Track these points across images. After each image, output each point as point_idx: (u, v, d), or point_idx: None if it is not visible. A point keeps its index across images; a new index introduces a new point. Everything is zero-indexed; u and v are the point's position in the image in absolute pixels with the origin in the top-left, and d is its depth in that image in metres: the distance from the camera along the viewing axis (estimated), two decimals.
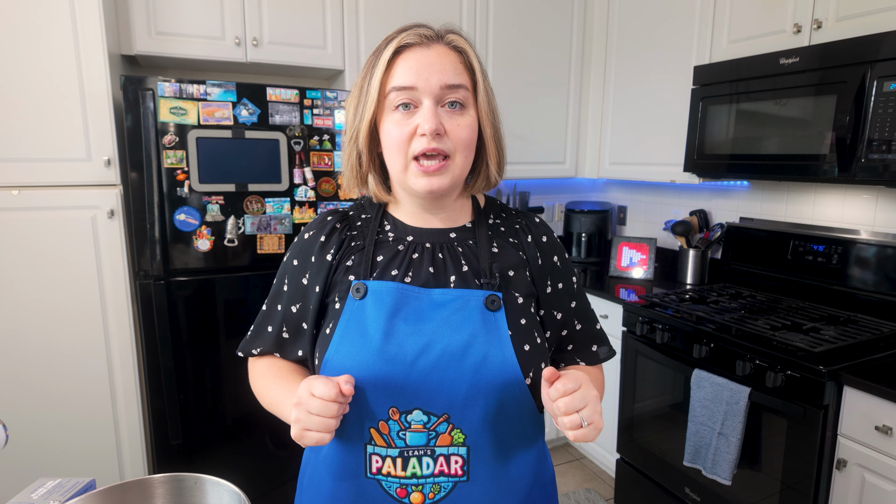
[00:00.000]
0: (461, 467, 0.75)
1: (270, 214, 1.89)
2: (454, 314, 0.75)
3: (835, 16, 1.79)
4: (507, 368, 0.73)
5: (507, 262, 0.81)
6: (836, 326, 1.80)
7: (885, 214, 1.95)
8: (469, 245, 0.82)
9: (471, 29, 2.51)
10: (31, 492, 0.61)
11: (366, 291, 0.76)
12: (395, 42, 0.75)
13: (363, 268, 0.79)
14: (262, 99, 1.83)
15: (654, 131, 2.52)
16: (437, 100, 0.74)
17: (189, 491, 0.57)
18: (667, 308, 2.08)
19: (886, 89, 1.59)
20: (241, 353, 0.89)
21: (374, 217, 0.85)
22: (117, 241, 1.83)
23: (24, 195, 1.73)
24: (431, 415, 0.73)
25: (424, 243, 0.81)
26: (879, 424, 1.46)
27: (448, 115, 0.75)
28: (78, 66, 1.73)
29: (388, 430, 0.74)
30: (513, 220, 0.88)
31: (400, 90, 0.74)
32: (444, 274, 0.79)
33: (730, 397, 1.73)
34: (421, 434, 0.74)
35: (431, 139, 0.73)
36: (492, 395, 0.74)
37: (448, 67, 0.75)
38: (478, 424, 0.74)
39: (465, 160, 0.77)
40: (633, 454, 2.25)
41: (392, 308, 0.75)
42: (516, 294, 0.80)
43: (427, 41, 0.76)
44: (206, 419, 1.93)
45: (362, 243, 0.82)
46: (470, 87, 0.77)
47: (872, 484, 1.49)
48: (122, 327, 1.87)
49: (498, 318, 0.75)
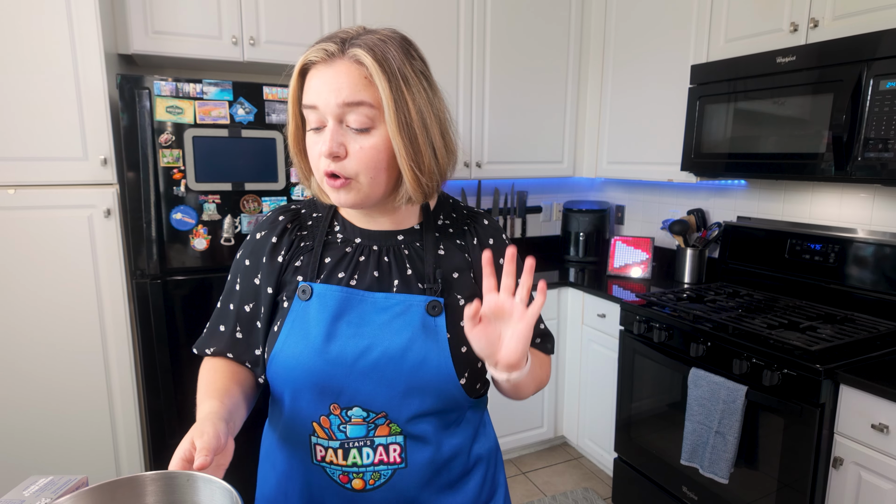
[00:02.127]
0: (399, 455, 0.78)
1: (267, 213, 1.89)
2: (395, 318, 0.77)
3: (831, 14, 1.79)
4: (442, 370, 0.76)
5: (451, 265, 0.83)
6: (833, 325, 1.80)
7: (882, 213, 1.96)
8: (415, 248, 0.83)
9: (468, 28, 2.51)
10: (23, 489, 0.61)
11: (311, 293, 0.78)
12: (302, 58, 0.74)
13: (311, 269, 0.80)
14: (258, 98, 1.83)
15: (652, 130, 2.52)
16: (339, 119, 0.72)
17: (181, 488, 0.57)
18: (664, 307, 2.08)
19: (883, 88, 1.59)
20: (195, 351, 0.89)
21: (324, 217, 0.85)
22: (114, 240, 1.83)
23: (20, 194, 1.72)
24: (370, 411, 0.76)
25: (372, 246, 0.83)
26: (876, 423, 1.46)
27: (353, 135, 0.72)
28: (74, 64, 1.72)
29: (330, 423, 0.77)
30: (462, 220, 0.88)
31: (308, 109, 0.74)
32: (388, 278, 0.80)
33: (727, 396, 1.73)
34: (361, 427, 0.77)
35: (330, 161, 0.72)
36: (427, 394, 0.77)
37: (345, 85, 0.70)
38: (414, 420, 0.78)
39: (372, 180, 0.74)
40: (631, 453, 2.25)
41: (335, 311, 0.77)
42: (458, 296, 0.81)
43: (330, 57, 0.72)
44: None
45: (311, 244, 0.83)
46: (375, 102, 0.71)
47: (869, 482, 1.49)
48: (118, 326, 1.87)
49: (438, 322, 0.77)
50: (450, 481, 0.83)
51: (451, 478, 0.83)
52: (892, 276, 1.86)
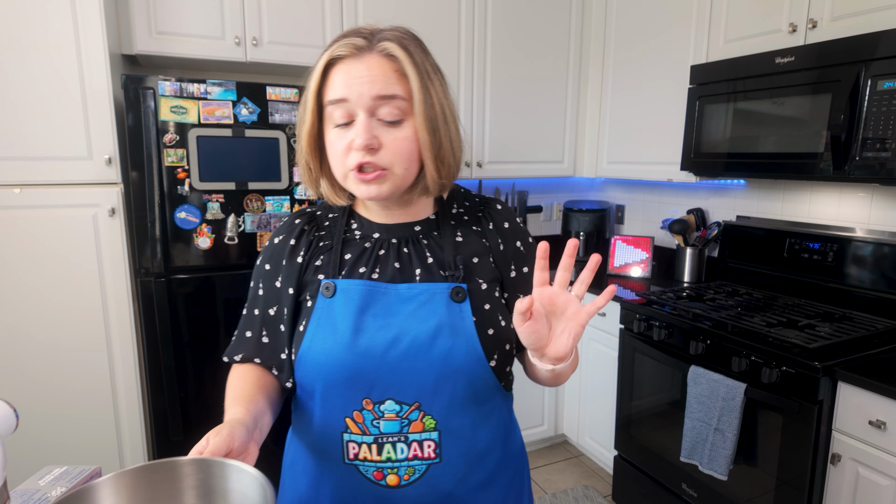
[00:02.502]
0: (434, 450, 0.78)
1: (270, 212, 1.90)
2: (421, 307, 0.78)
3: (830, 15, 1.80)
4: (472, 354, 0.77)
5: (470, 251, 0.84)
6: (832, 323, 1.82)
7: (880, 212, 1.97)
8: (433, 237, 0.84)
9: (469, 28, 2.52)
10: (39, 479, 0.62)
11: (335, 290, 0.79)
12: (327, 53, 0.74)
13: (332, 267, 0.81)
14: (261, 98, 1.84)
15: (652, 130, 2.53)
16: (371, 112, 0.73)
17: (215, 474, 0.59)
18: (664, 306, 2.09)
19: (880, 88, 1.61)
20: (225, 359, 0.90)
21: (340, 216, 0.86)
22: (118, 238, 1.85)
23: (25, 193, 1.74)
24: (403, 403, 0.77)
25: (390, 239, 0.84)
26: (873, 419, 1.47)
27: (384, 128, 0.74)
28: (79, 65, 1.74)
29: (363, 419, 0.77)
30: (475, 207, 0.89)
31: (334, 104, 0.74)
32: (409, 268, 0.81)
33: (726, 393, 1.75)
34: (394, 422, 0.77)
35: (365, 153, 0.73)
36: (459, 380, 0.77)
37: (379, 78, 0.72)
38: (447, 409, 0.78)
39: (406, 171, 0.77)
40: (631, 451, 2.26)
41: (361, 304, 0.78)
42: (480, 280, 0.82)
43: (358, 52, 0.73)
44: (207, 416, 1.94)
45: (330, 243, 0.84)
46: (406, 95, 0.74)
47: (866, 478, 1.51)
48: (122, 324, 1.89)
49: (463, 308, 0.78)
50: (483, 479, 0.83)
51: (484, 475, 0.83)
52: (890, 274, 1.88)
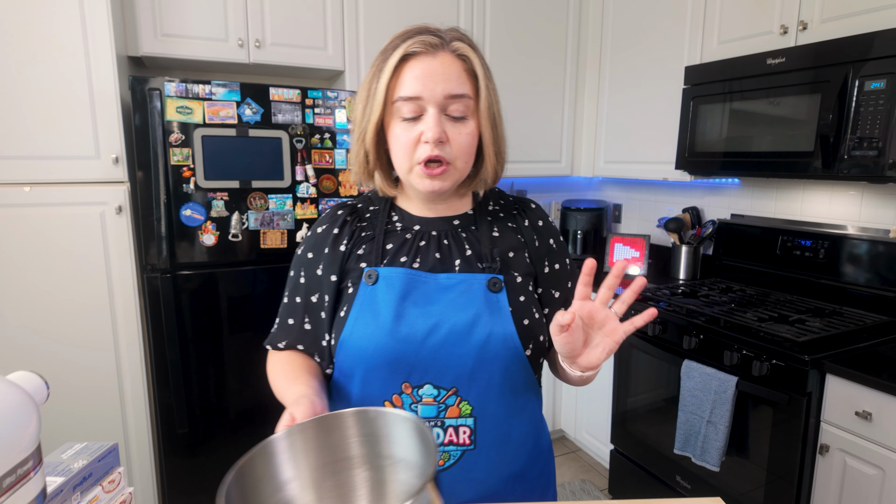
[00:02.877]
0: (469, 437, 0.81)
1: (273, 210, 1.95)
2: (460, 296, 0.81)
3: (819, 17, 1.84)
4: (508, 343, 0.80)
5: (506, 245, 0.88)
6: (822, 318, 1.86)
7: (870, 210, 2.01)
8: (471, 231, 0.89)
9: (468, 27, 2.57)
10: (61, 452, 0.67)
11: (377, 277, 0.82)
12: (401, 49, 0.78)
13: (374, 255, 0.85)
14: (265, 98, 1.89)
15: (648, 130, 2.57)
16: (441, 108, 0.78)
17: (373, 421, 0.65)
18: (659, 301, 2.14)
19: (868, 88, 1.65)
20: (268, 347, 0.93)
21: (382, 209, 0.91)
22: (125, 236, 1.89)
23: (35, 191, 1.78)
24: (441, 388, 0.80)
25: (430, 231, 0.88)
26: (860, 410, 1.51)
27: (451, 123, 0.79)
28: (87, 67, 1.79)
29: (402, 403, 0.80)
30: (510, 206, 0.94)
31: (406, 100, 0.78)
32: (449, 259, 0.85)
33: (718, 386, 1.79)
34: (431, 407, 0.80)
35: (434, 147, 0.78)
36: (496, 367, 0.80)
37: (452, 77, 0.78)
38: (483, 396, 0.81)
39: (465, 165, 0.83)
40: (627, 445, 2.31)
41: (402, 292, 0.81)
42: (515, 274, 0.86)
43: (432, 49, 0.78)
44: (212, 408, 1.99)
45: (373, 233, 0.88)
46: (473, 94, 0.80)
47: (853, 468, 1.55)
48: (129, 319, 1.93)
49: (500, 298, 0.82)
50: (515, 470, 0.86)
51: (516, 467, 0.86)
52: (879, 271, 1.92)
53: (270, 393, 0.91)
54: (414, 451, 0.63)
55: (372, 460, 0.66)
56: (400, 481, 0.65)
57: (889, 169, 1.63)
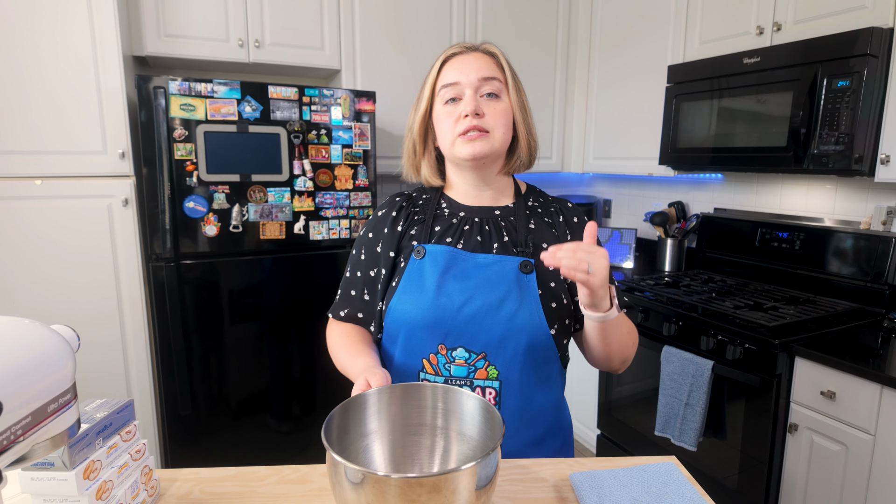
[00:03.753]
0: (494, 398, 0.92)
1: (272, 203, 2.04)
2: (494, 274, 0.93)
3: (793, 19, 1.93)
4: (534, 320, 0.91)
5: (541, 237, 0.99)
6: (797, 306, 1.95)
7: (844, 203, 2.10)
8: (510, 221, 1.00)
9: (460, 29, 2.66)
10: (85, 405, 0.76)
11: (424, 253, 0.95)
12: (444, 54, 0.97)
13: (424, 235, 0.98)
14: (264, 96, 1.98)
15: (634, 127, 2.66)
16: (476, 90, 0.93)
17: (449, 397, 0.76)
18: (644, 291, 2.23)
19: (835, 86, 1.74)
20: (330, 315, 1.07)
21: (432, 197, 1.04)
22: (131, 227, 1.98)
23: (46, 185, 1.88)
24: (472, 352, 0.91)
25: (474, 218, 1.00)
26: (825, 390, 1.61)
27: (486, 101, 0.94)
28: (95, 67, 1.88)
29: (437, 361, 0.92)
30: (549, 204, 1.06)
31: (447, 86, 0.94)
32: (489, 242, 0.97)
33: (695, 370, 1.88)
34: (462, 368, 0.92)
35: (472, 118, 0.91)
36: (521, 339, 0.91)
37: (483, 65, 0.94)
38: (509, 363, 0.91)
39: (504, 135, 0.95)
40: (612, 429, 2.40)
41: (444, 266, 0.93)
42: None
43: (468, 50, 0.97)
44: (213, 391, 2.08)
45: (423, 217, 1.01)
46: (502, 80, 0.95)
47: (819, 444, 1.64)
48: (135, 306, 2.02)
49: (530, 279, 0.93)
50: (536, 437, 0.96)
51: (538, 434, 0.96)
52: (851, 261, 2.01)
53: (270, 376, 1.01)
54: (479, 431, 0.73)
55: (442, 431, 0.77)
56: (462, 453, 0.75)
57: (855, 163, 1.72)
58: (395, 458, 0.77)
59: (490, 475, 0.61)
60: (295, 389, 2.21)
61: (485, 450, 0.71)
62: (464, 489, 0.58)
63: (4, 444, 0.47)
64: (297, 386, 2.21)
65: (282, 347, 2.16)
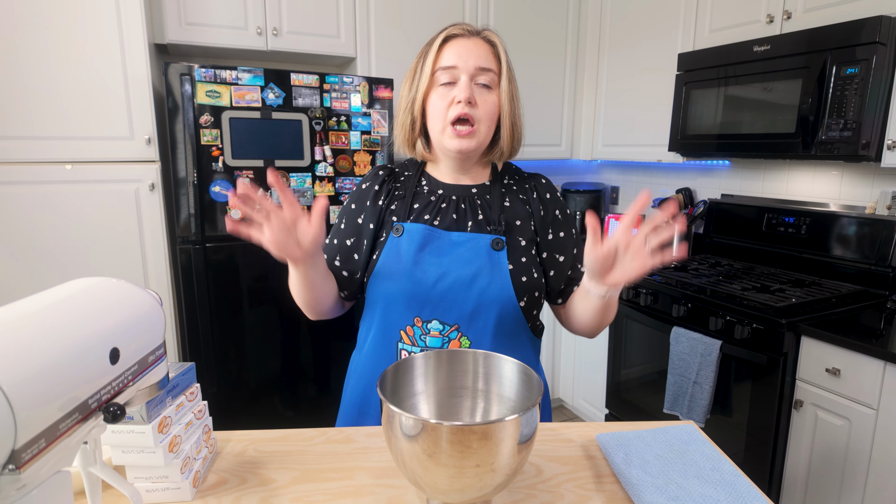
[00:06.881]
0: None
1: (294, 188, 2.10)
2: (467, 251, 0.98)
3: (802, 7, 1.98)
4: (504, 292, 0.97)
5: (514, 214, 1.04)
6: (802, 288, 2.01)
7: (850, 189, 2.16)
8: (486, 199, 1.05)
9: (472, 16, 2.70)
10: None
11: (403, 231, 1.00)
12: (445, 32, 0.98)
13: (403, 212, 1.02)
14: (286, 83, 2.03)
15: (643, 114, 2.71)
16: (472, 77, 0.96)
17: (490, 362, 0.82)
18: (653, 275, 2.29)
19: (843, 74, 1.79)
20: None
21: (413, 174, 1.08)
22: (157, 210, 2.04)
23: (75, 169, 1.93)
24: (445, 324, 0.97)
25: (451, 196, 1.04)
26: (830, 367, 1.67)
27: (479, 90, 0.97)
28: (122, 54, 1.93)
29: (413, 333, 0.98)
30: (524, 180, 1.10)
31: (445, 69, 0.96)
32: (463, 220, 1.02)
33: (703, 350, 1.95)
34: (437, 339, 0.97)
35: (465, 106, 0.94)
36: (492, 312, 0.97)
37: (482, 55, 0.96)
38: (480, 334, 0.97)
39: (488, 129, 0.99)
40: (620, 409, 2.47)
41: (420, 244, 0.98)
42: (520, 238, 1.02)
43: (469, 34, 0.98)
44: (237, 369, 2.15)
45: (404, 193, 1.05)
46: (497, 72, 0.98)
47: (824, 420, 1.71)
48: (161, 287, 2.09)
49: (501, 256, 0.98)
50: None
51: None
52: (856, 245, 2.07)
53: (289, 358, 1.06)
54: (517, 392, 0.80)
55: (483, 393, 0.83)
56: (501, 413, 0.82)
57: (862, 149, 1.77)
58: (441, 416, 0.83)
59: (530, 434, 0.67)
60: (311, 371, 2.28)
61: (532, 397, 0.77)
62: (509, 438, 0.64)
63: (119, 387, 0.53)
64: (313, 368, 2.28)
65: (300, 330, 2.23)
